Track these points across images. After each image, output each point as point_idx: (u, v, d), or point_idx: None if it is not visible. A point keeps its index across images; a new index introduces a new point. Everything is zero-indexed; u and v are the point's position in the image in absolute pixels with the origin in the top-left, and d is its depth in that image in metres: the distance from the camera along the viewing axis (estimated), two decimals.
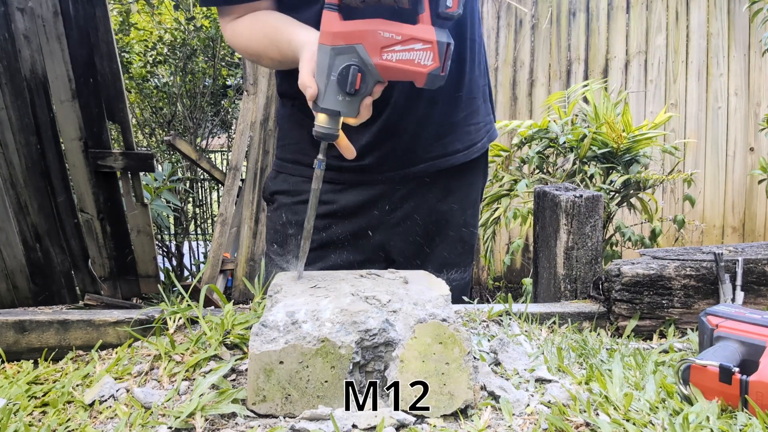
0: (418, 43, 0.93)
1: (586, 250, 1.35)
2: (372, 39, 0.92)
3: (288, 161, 1.36)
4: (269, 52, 1.16)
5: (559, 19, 4.84)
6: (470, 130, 1.34)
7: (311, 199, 1.00)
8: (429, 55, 0.93)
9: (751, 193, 4.83)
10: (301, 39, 1.06)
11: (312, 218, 1.01)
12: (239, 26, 1.21)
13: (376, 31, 0.92)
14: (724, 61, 4.77)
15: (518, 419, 0.77)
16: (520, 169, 3.33)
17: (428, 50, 0.93)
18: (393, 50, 0.93)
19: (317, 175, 0.99)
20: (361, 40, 0.92)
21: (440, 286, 0.93)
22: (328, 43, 0.93)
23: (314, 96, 0.96)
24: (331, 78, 0.94)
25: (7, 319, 1.07)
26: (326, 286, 0.91)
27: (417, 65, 0.94)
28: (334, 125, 0.96)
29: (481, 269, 4.86)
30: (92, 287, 3.16)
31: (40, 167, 2.93)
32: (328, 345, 0.77)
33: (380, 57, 0.93)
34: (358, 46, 0.92)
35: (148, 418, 0.78)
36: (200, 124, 5.65)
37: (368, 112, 0.99)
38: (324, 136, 0.97)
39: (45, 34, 2.79)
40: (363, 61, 0.93)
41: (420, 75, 0.95)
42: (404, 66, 0.94)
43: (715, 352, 0.87)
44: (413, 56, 0.94)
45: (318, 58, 0.95)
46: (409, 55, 0.94)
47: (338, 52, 0.93)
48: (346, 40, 0.93)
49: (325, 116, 0.96)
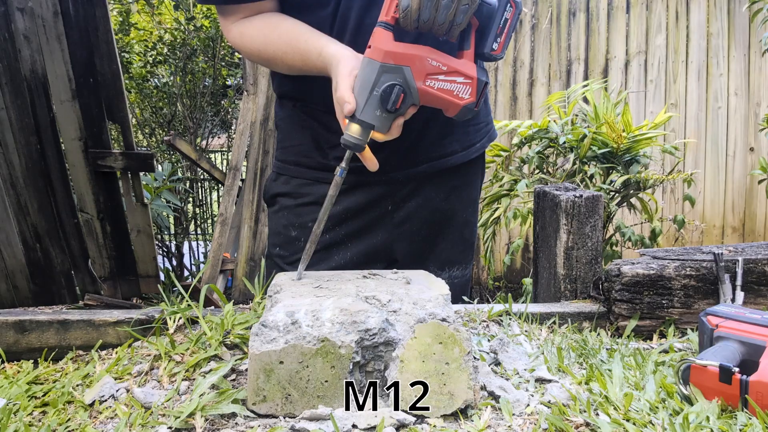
0: (461, 76, 0.99)
1: (586, 250, 1.35)
2: (420, 64, 0.97)
3: (289, 163, 1.35)
4: (288, 58, 1.15)
5: (559, 19, 4.84)
6: (469, 131, 1.35)
7: (326, 204, 1.01)
8: (468, 90, 0.99)
9: (751, 193, 4.83)
10: (332, 52, 1.06)
11: (322, 223, 1.01)
12: (249, 28, 1.18)
13: (425, 58, 0.97)
14: (724, 61, 4.77)
15: (518, 419, 0.77)
16: (520, 169, 3.33)
17: (468, 85, 0.99)
18: (437, 78, 0.98)
19: (336, 182, 1.01)
20: (410, 63, 0.96)
21: (440, 286, 0.93)
22: (378, 59, 0.96)
23: (352, 111, 0.98)
24: (374, 93, 0.97)
25: (7, 319, 1.07)
26: (326, 286, 0.91)
27: (455, 97, 0.99)
28: (364, 137, 0.99)
29: (481, 269, 4.85)
30: (92, 287, 3.16)
31: (40, 167, 2.93)
32: (328, 345, 0.77)
33: (424, 82, 0.98)
34: (406, 68, 0.96)
35: (148, 418, 0.78)
36: (200, 124, 5.65)
37: (398, 131, 1.02)
38: (352, 146, 0.99)
39: (45, 34, 2.79)
40: (407, 83, 0.97)
41: (455, 106, 1.00)
42: (443, 95, 0.99)
43: (715, 352, 0.87)
44: (453, 88, 0.99)
45: (365, 71, 0.98)
46: (450, 86, 0.99)
47: (386, 70, 0.96)
48: (396, 60, 0.96)
49: (359, 128, 0.98)
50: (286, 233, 1.35)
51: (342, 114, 1.01)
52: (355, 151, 1.00)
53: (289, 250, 1.35)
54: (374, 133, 1.00)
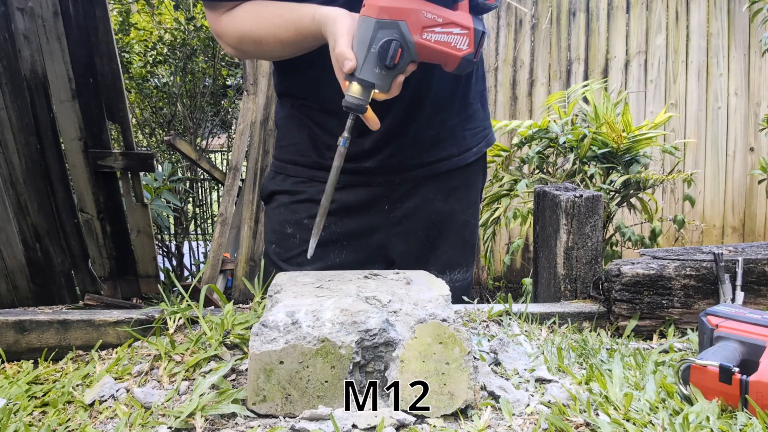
0: (457, 27, 0.97)
1: (586, 250, 1.35)
2: (415, 18, 0.95)
3: (287, 162, 1.35)
4: (281, 32, 1.12)
5: (559, 19, 4.84)
6: (466, 135, 1.34)
7: (331, 176, 1.00)
8: (465, 41, 0.98)
9: (751, 193, 4.83)
10: (326, 12, 1.04)
11: (330, 195, 1.00)
12: (239, 12, 1.18)
13: (419, 11, 0.95)
14: (724, 61, 4.77)
15: (518, 419, 0.77)
16: (520, 169, 3.33)
17: (465, 36, 0.98)
18: (433, 31, 0.96)
19: (340, 152, 0.99)
20: (405, 17, 0.95)
21: (440, 287, 0.93)
22: (373, 16, 0.95)
23: (353, 68, 0.96)
24: (372, 50, 0.95)
25: (7, 319, 1.07)
26: (327, 286, 0.91)
27: (453, 48, 0.98)
28: (365, 97, 0.97)
29: (481, 269, 4.86)
30: (92, 287, 3.16)
31: (40, 167, 2.93)
32: (328, 345, 0.77)
33: (420, 36, 0.96)
34: (402, 22, 0.95)
35: (148, 418, 0.78)
36: (200, 124, 5.65)
37: (398, 89, 1.00)
38: (354, 108, 0.97)
39: (45, 34, 2.79)
40: (404, 38, 0.95)
41: (454, 58, 0.98)
42: (441, 47, 0.97)
43: (715, 352, 0.87)
44: (450, 39, 0.97)
45: (360, 29, 0.96)
46: (447, 38, 0.97)
47: (382, 26, 0.95)
48: (390, 15, 0.95)
49: (359, 87, 0.96)
50: (281, 230, 1.35)
51: (341, 73, 0.99)
52: (357, 112, 0.98)
53: (285, 247, 1.35)
54: (376, 93, 0.98)
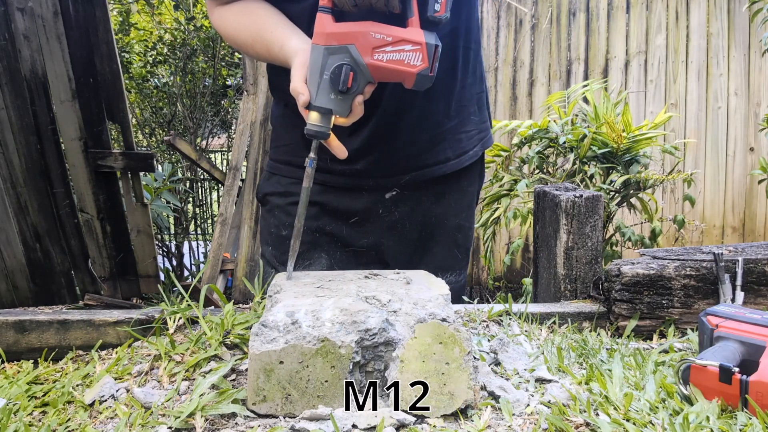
0: (408, 44, 0.97)
1: (586, 250, 1.35)
2: (363, 40, 0.96)
3: (281, 162, 1.35)
4: (257, 47, 1.16)
5: (559, 19, 4.84)
6: (461, 138, 1.33)
7: (302, 197, 1.01)
8: (418, 56, 0.97)
9: (751, 193, 4.83)
10: (293, 46, 1.07)
11: (302, 216, 1.01)
12: (228, 13, 1.20)
13: (367, 33, 0.96)
14: (724, 61, 4.77)
15: (518, 419, 0.77)
16: (520, 169, 3.33)
17: (417, 51, 0.97)
18: (384, 51, 0.96)
19: (308, 174, 1.01)
20: (354, 40, 0.96)
21: (440, 286, 0.93)
22: (321, 43, 0.96)
23: (306, 102, 0.98)
24: (324, 77, 0.96)
25: (7, 319, 1.07)
26: (327, 286, 0.91)
27: (407, 65, 0.97)
28: (326, 123, 0.98)
29: (481, 269, 4.86)
30: (92, 287, 3.16)
31: (40, 167, 2.93)
32: (328, 345, 0.77)
33: (372, 57, 0.96)
34: (351, 46, 0.96)
35: (148, 418, 0.78)
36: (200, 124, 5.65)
37: (360, 111, 1.02)
38: (315, 134, 0.98)
39: (45, 34, 2.79)
40: (355, 61, 0.96)
41: (409, 75, 0.98)
42: (394, 66, 0.97)
43: (715, 352, 0.87)
44: (403, 57, 0.97)
45: (311, 58, 0.98)
46: (399, 55, 0.97)
47: (331, 52, 0.96)
48: (338, 40, 0.96)
49: (318, 114, 0.98)
50: (277, 232, 1.35)
51: (300, 106, 1.01)
52: (319, 138, 0.99)
53: (281, 249, 1.34)
54: (337, 118, 0.99)
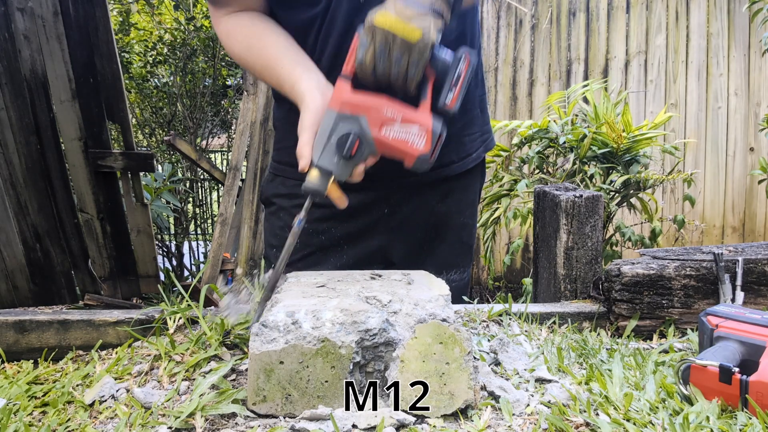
0: (415, 126, 1.00)
1: (586, 250, 1.35)
2: (375, 114, 0.99)
3: (285, 164, 1.35)
4: (265, 76, 1.17)
5: (559, 19, 4.83)
6: (465, 141, 1.34)
7: (283, 253, 0.98)
8: (422, 140, 1.00)
9: (751, 193, 4.83)
10: (303, 91, 1.06)
11: (283, 265, 0.98)
12: (235, 30, 1.19)
13: (380, 108, 0.99)
14: (724, 61, 4.77)
15: (518, 419, 0.77)
16: (520, 169, 3.33)
17: (423, 135, 1.00)
18: (392, 128, 0.99)
19: (294, 232, 0.99)
20: (366, 112, 0.99)
21: (441, 287, 0.93)
22: (336, 109, 0.99)
23: (304, 168, 0.99)
24: (331, 140, 0.99)
25: (7, 319, 1.07)
26: (329, 286, 0.91)
27: (410, 147, 1.00)
28: (323, 184, 0.99)
29: (481, 269, 4.85)
30: (92, 287, 3.16)
31: (40, 167, 2.93)
32: (328, 345, 0.77)
33: (379, 131, 0.99)
34: (362, 117, 0.99)
35: (148, 418, 0.78)
36: (200, 124, 5.65)
37: (359, 178, 1.03)
38: (312, 192, 0.99)
39: (45, 34, 2.79)
40: (363, 132, 0.99)
41: (410, 156, 1.01)
42: (398, 145, 1.00)
43: (715, 352, 0.87)
44: (408, 138, 1.00)
45: (324, 121, 1.00)
46: (405, 136, 1.00)
47: (342, 119, 0.99)
48: (352, 109, 0.98)
49: (318, 173, 0.99)
50: (281, 235, 1.35)
51: (300, 168, 1.01)
52: (315, 198, 0.99)
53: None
54: (334, 182, 0.99)
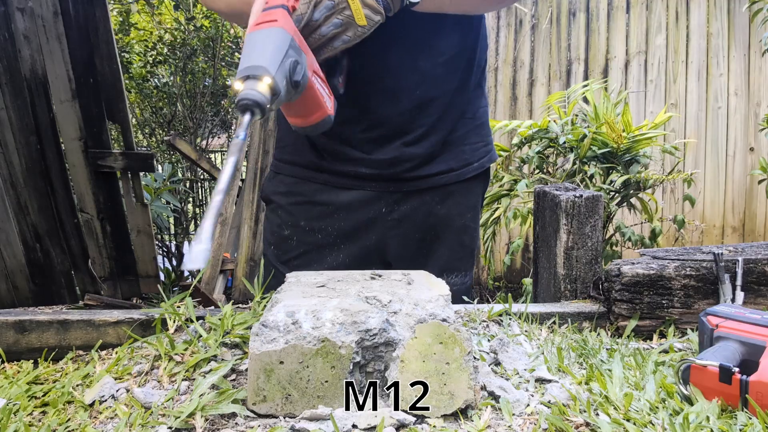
0: (327, 88, 1.02)
1: (586, 250, 1.35)
2: (311, 59, 0.98)
3: (285, 162, 1.36)
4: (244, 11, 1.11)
5: (559, 19, 4.84)
6: (465, 150, 1.34)
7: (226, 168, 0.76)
8: (331, 103, 1.02)
9: (751, 193, 4.83)
10: None
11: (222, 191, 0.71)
12: None
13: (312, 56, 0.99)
14: (724, 61, 4.77)
15: (518, 419, 0.77)
16: (520, 169, 3.33)
17: (332, 99, 1.03)
18: (317, 79, 0.99)
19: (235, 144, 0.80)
20: (307, 53, 0.96)
21: (441, 287, 0.93)
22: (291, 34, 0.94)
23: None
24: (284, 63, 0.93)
25: (7, 319, 1.07)
26: (329, 285, 0.91)
27: (324, 103, 1.00)
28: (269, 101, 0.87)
29: (481, 269, 4.86)
30: (92, 287, 3.16)
31: (40, 167, 2.93)
32: (328, 345, 0.77)
33: (311, 76, 0.98)
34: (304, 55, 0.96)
35: (148, 418, 0.78)
36: (200, 124, 5.65)
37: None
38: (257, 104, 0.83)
39: (45, 34, 2.79)
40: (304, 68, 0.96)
41: (323, 113, 1.00)
42: (318, 97, 0.99)
43: (715, 352, 0.87)
44: (323, 95, 1.00)
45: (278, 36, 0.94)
46: (323, 92, 1.00)
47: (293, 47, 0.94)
48: (300, 43, 0.96)
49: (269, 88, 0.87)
50: (279, 232, 1.35)
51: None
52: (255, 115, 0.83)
53: (282, 249, 1.35)
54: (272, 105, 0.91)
